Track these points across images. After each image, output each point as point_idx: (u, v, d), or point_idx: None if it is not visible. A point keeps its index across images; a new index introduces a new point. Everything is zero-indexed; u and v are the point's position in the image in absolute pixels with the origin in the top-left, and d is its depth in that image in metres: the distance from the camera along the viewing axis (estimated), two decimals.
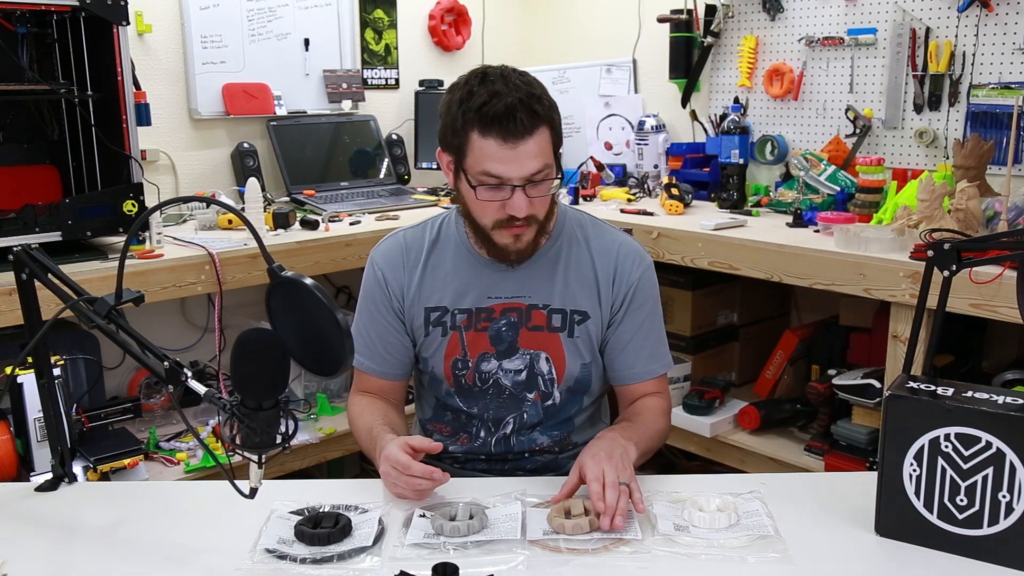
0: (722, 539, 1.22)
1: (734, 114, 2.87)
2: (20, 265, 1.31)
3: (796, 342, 2.68)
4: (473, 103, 1.41)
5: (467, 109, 1.42)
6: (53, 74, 2.23)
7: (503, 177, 1.42)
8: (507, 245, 1.51)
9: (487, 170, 1.42)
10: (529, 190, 1.44)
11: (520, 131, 1.39)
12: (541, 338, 1.57)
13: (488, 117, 1.39)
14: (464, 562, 1.14)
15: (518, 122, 1.39)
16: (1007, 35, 2.40)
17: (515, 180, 1.43)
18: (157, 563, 1.20)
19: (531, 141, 1.41)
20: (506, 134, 1.39)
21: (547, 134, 1.44)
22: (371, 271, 1.64)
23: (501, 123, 1.39)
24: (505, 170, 1.42)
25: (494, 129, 1.39)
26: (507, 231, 1.49)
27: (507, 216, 1.46)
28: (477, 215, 1.50)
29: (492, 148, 1.41)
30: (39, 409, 1.69)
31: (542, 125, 1.42)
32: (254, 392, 1.12)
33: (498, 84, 1.41)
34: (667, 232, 2.48)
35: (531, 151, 1.41)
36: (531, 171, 1.43)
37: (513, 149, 1.40)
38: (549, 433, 1.63)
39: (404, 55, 3.41)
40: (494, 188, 1.44)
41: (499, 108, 1.39)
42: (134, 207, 2.16)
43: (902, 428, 1.19)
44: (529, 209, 1.45)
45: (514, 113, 1.39)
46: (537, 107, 1.41)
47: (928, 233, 1.46)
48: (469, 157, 1.44)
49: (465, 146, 1.43)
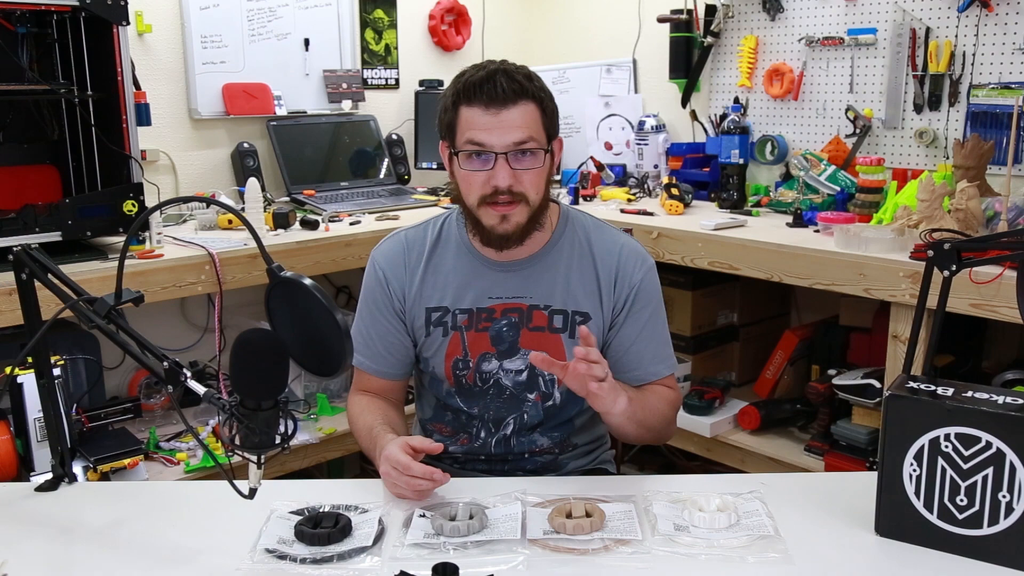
0: (722, 539, 1.22)
1: (734, 114, 2.87)
2: (20, 265, 1.31)
3: (796, 342, 2.68)
4: (462, 80, 1.48)
5: (456, 87, 1.48)
6: (53, 74, 2.22)
7: (485, 144, 1.45)
8: (493, 226, 1.50)
9: (471, 138, 1.46)
10: (513, 162, 1.46)
11: (501, 96, 1.43)
12: (542, 339, 1.57)
13: (471, 85, 1.45)
14: (464, 562, 1.14)
15: (497, 86, 1.43)
16: (1007, 35, 2.40)
17: (497, 147, 1.45)
18: (157, 563, 1.20)
19: (514, 110, 1.44)
20: (488, 100, 1.44)
21: (534, 110, 1.47)
22: (372, 271, 1.64)
23: (482, 88, 1.44)
24: (487, 137, 1.44)
25: (477, 97, 1.44)
26: (492, 209, 1.48)
27: (492, 189, 1.47)
28: (464, 193, 1.51)
29: (476, 116, 1.45)
30: (39, 409, 1.69)
31: (527, 98, 1.46)
32: (254, 392, 1.12)
33: (489, 65, 1.48)
34: (667, 232, 2.48)
35: (514, 119, 1.44)
36: (514, 139, 1.45)
37: (496, 116, 1.44)
38: (549, 434, 1.62)
39: (404, 55, 3.41)
40: (478, 159, 1.46)
41: (481, 75, 1.45)
42: (134, 207, 2.16)
43: (902, 428, 1.19)
44: (513, 181, 1.46)
45: (493, 78, 1.44)
46: (520, 78, 1.46)
47: (928, 233, 1.46)
48: (458, 132, 1.48)
49: (455, 122, 1.48)
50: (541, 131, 1.48)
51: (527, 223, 1.51)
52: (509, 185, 1.46)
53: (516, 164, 1.46)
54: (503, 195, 1.47)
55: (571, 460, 1.66)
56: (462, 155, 1.48)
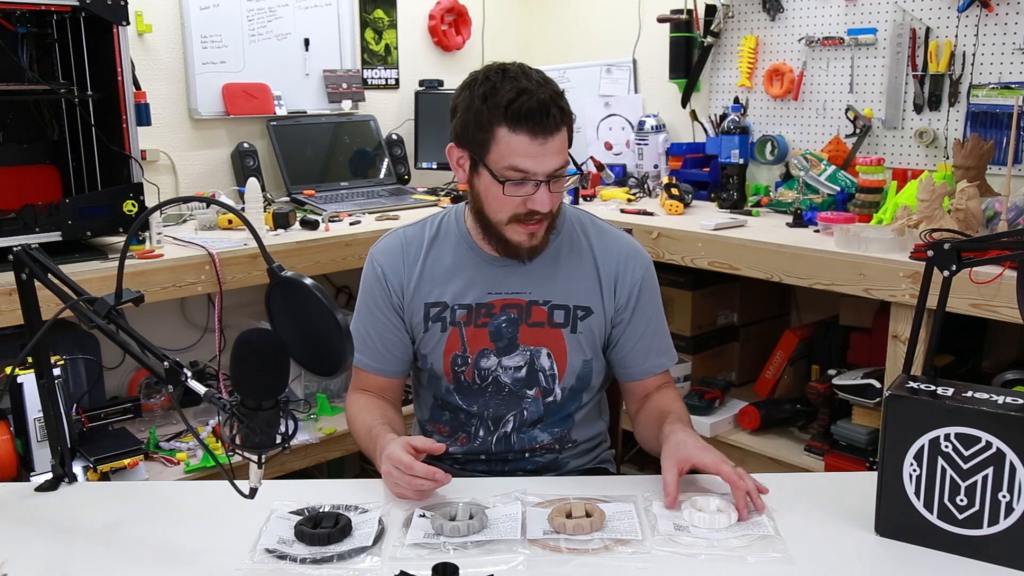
0: (722, 539, 1.22)
1: (734, 114, 2.87)
2: (20, 265, 1.31)
3: (796, 342, 2.68)
4: (501, 99, 1.42)
5: (494, 105, 1.42)
6: (53, 74, 2.23)
7: (529, 172, 1.44)
8: (521, 242, 1.52)
9: (515, 165, 1.44)
10: (551, 186, 1.47)
11: (551, 127, 1.43)
12: (542, 334, 1.57)
13: (521, 113, 1.41)
14: (464, 562, 1.14)
15: (551, 118, 1.42)
16: (1007, 35, 2.40)
17: (540, 176, 1.45)
18: (157, 563, 1.20)
19: (557, 138, 1.44)
20: (537, 131, 1.42)
21: (566, 132, 1.47)
22: (370, 267, 1.64)
23: (533, 119, 1.41)
24: (533, 165, 1.44)
25: (525, 125, 1.41)
26: (523, 227, 1.50)
27: (527, 211, 1.48)
28: (493, 210, 1.50)
29: (522, 144, 1.42)
30: (39, 409, 1.69)
31: (566, 124, 1.46)
32: (254, 392, 1.12)
33: (523, 81, 1.44)
34: (667, 232, 2.48)
35: (556, 147, 1.45)
36: (555, 167, 1.45)
37: (542, 145, 1.43)
38: (550, 430, 1.63)
39: (404, 55, 3.41)
40: (519, 184, 1.46)
41: (532, 104, 1.41)
42: (134, 207, 2.16)
43: (902, 428, 1.19)
44: (550, 204, 1.48)
45: (547, 110, 1.42)
46: (563, 104, 1.46)
47: (928, 233, 1.46)
48: (494, 152, 1.45)
49: (490, 141, 1.45)
50: (567, 151, 1.50)
51: (547, 233, 1.55)
52: (549, 209, 1.48)
53: (553, 188, 1.47)
54: (537, 218, 1.49)
55: (571, 459, 1.66)
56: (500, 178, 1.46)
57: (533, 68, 1.49)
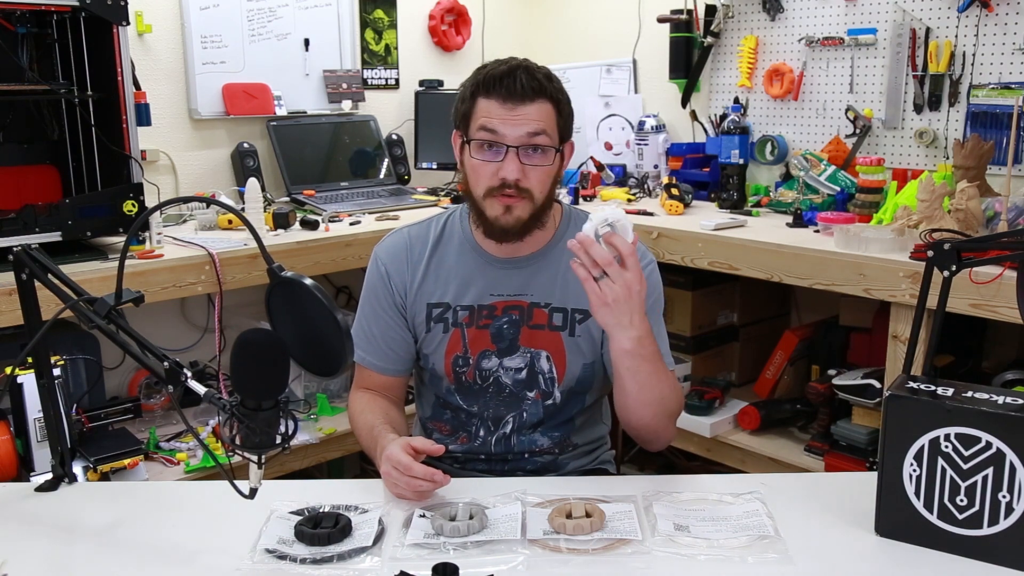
0: (722, 539, 1.22)
1: (734, 114, 2.87)
2: (20, 265, 1.31)
3: (796, 342, 2.68)
4: (482, 72, 1.50)
5: (476, 79, 1.50)
6: (53, 74, 2.22)
7: (498, 133, 1.46)
8: (497, 217, 1.51)
9: (484, 124, 1.47)
10: (524, 156, 1.47)
11: (519, 92, 1.46)
12: (542, 336, 1.57)
13: (491, 78, 1.48)
14: (464, 562, 1.14)
15: (517, 81, 1.46)
16: (1007, 35, 2.40)
17: (509, 139, 1.46)
18: (157, 563, 1.20)
19: (532, 106, 1.47)
20: (506, 95, 1.46)
21: (550, 109, 1.49)
22: (375, 266, 1.64)
23: (501, 82, 1.46)
24: (501, 126, 1.46)
25: (496, 90, 1.47)
26: (498, 200, 1.49)
27: (499, 182, 1.48)
28: (472, 183, 1.53)
29: (493, 107, 1.47)
30: (39, 409, 1.69)
31: (544, 97, 1.48)
32: (254, 392, 1.12)
33: (511, 60, 1.50)
34: (667, 232, 2.48)
35: (530, 114, 1.47)
36: (527, 131, 1.46)
37: (512, 110, 1.46)
38: (550, 434, 1.62)
39: (404, 55, 3.41)
40: (489, 150, 1.48)
41: (502, 69, 1.48)
42: (134, 207, 2.16)
43: (902, 428, 1.19)
44: (521, 175, 1.47)
45: (514, 73, 1.47)
46: (539, 76, 1.49)
47: (928, 233, 1.46)
48: (472, 121, 1.50)
49: (471, 112, 1.50)
50: (555, 129, 1.50)
51: (529, 219, 1.52)
52: (517, 179, 1.47)
53: (526, 159, 1.48)
54: (509, 188, 1.48)
55: (571, 460, 1.66)
56: (474, 144, 1.50)
57: (539, 64, 1.52)
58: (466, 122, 1.51)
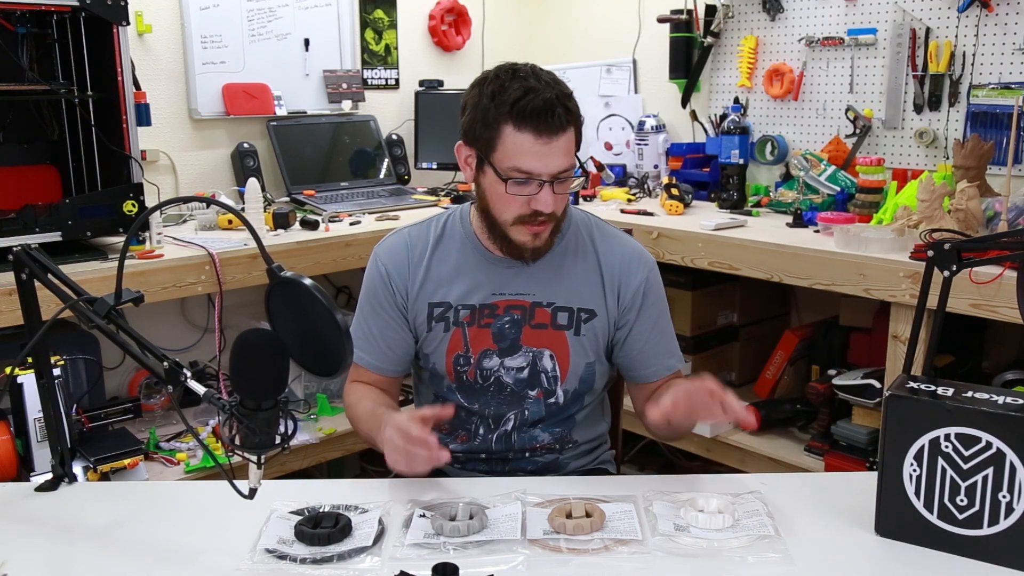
0: (722, 539, 1.22)
1: (734, 114, 2.87)
2: (20, 265, 1.31)
3: (796, 342, 2.68)
4: (508, 97, 1.42)
5: (501, 103, 1.42)
6: (53, 74, 2.22)
7: (533, 172, 1.44)
8: (525, 243, 1.51)
9: (518, 165, 1.44)
10: (555, 187, 1.46)
11: (556, 127, 1.42)
12: (545, 336, 1.57)
13: (526, 112, 1.41)
14: (464, 562, 1.14)
15: (556, 117, 1.41)
16: (1007, 35, 2.40)
17: (545, 176, 1.45)
18: (157, 563, 1.20)
19: (562, 138, 1.44)
20: (542, 129, 1.41)
21: (573, 134, 1.47)
22: (375, 267, 1.64)
23: (539, 118, 1.41)
24: (537, 165, 1.43)
25: (530, 124, 1.41)
26: (527, 228, 1.50)
27: (531, 212, 1.47)
28: (498, 210, 1.50)
29: (526, 143, 1.42)
30: (39, 409, 1.69)
31: (572, 124, 1.46)
32: (253, 392, 1.12)
33: (531, 80, 1.43)
34: (667, 232, 2.49)
35: (562, 148, 1.44)
36: (560, 168, 1.45)
37: (547, 145, 1.42)
38: (551, 430, 1.62)
39: (404, 55, 3.41)
40: (522, 183, 1.45)
41: (537, 103, 1.41)
42: (134, 207, 2.16)
43: (902, 428, 1.19)
44: (555, 207, 1.47)
45: (552, 109, 1.41)
46: (570, 105, 1.45)
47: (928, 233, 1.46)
48: (499, 151, 1.45)
49: (496, 139, 1.44)
50: (573, 153, 1.49)
51: (551, 235, 1.54)
52: (552, 211, 1.47)
53: (557, 189, 1.47)
54: (541, 218, 1.48)
55: (572, 460, 1.66)
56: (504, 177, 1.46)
57: (544, 69, 1.49)
58: (489, 148, 1.45)
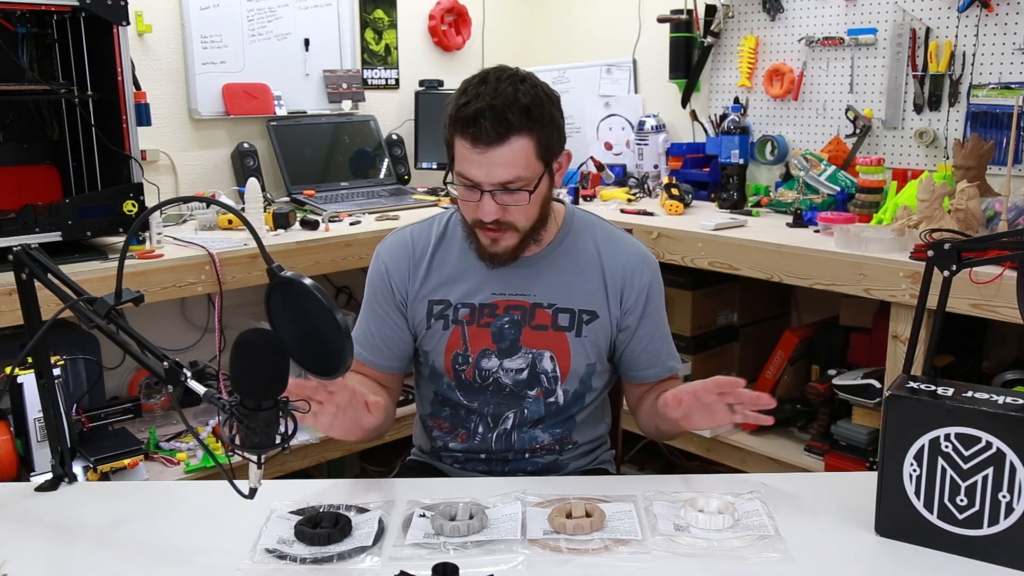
0: (722, 539, 1.22)
1: (734, 114, 2.87)
2: (20, 265, 1.31)
3: (796, 342, 2.68)
4: (458, 103, 1.44)
5: (452, 106, 1.45)
6: (53, 74, 2.22)
7: (473, 180, 1.45)
8: (486, 246, 1.53)
9: (460, 171, 1.46)
10: (501, 197, 1.45)
11: (486, 138, 1.40)
12: (545, 337, 1.57)
13: (459, 120, 1.42)
14: (464, 562, 1.14)
15: (481, 129, 1.40)
16: (1007, 35, 2.40)
17: (485, 185, 1.44)
18: (157, 563, 1.20)
19: (502, 149, 1.41)
20: (474, 139, 1.41)
21: (525, 144, 1.42)
22: (376, 265, 1.65)
23: (468, 127, 1.41)
24: (476, 173, 1.44)
25: (466, 133, 1.42)
26: (483, 233, 1.51)
27: (478, 220, 1.49)
28: (462, 212, 1.54)
29: (465, 150, 1.44)
30: (39, 409, 1.69)
31: (516, 135, 1.41)
32: (253, 392, 1.12)
33: (484, 88, 1.42)
34: (667, 232, 2.49)
35: (502, 159, 1.42)
36: (500, 179, 1.43)
37: (482, 155, 1.42)
38: (551, 431, 1.62)
39: (404, 55, 3.41)
40: (468, 188, 1.47)
41: (468, 113, 1.41)
42: (134, 207, 2.16)
43: (902, 428, 1.19)
44: (500, 215, 1.47)
45: (477, 120, 1.40)
46: (511, 116, 1.39)
47: (928, 233, 1.46)
48: (455, 156, 1.48)
49: (452, 144, 1.48)
50: (533, 163, 1.44)
51: (518, 244, 1.53)
52: (495, 219, 1.47)
53: (503, 199, 1.46)
54: (489, 225, 1.48)
55: (572, 460, 1.66)
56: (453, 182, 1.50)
57: (521, 74, 1.45)
58: (450, 151, 1.49)
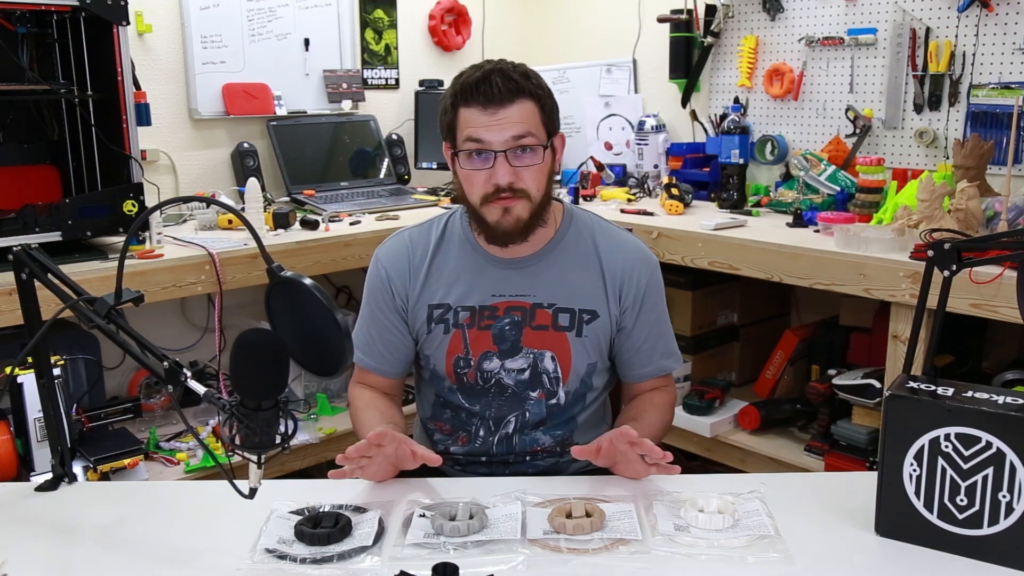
0: (722, 539, 1.21)
1: (734, 114, 2.87)
2: (20, 265, 1.31)
3: (796, 342, 2.68)
4: (459, 81, 1.50)
5: (454, 88, 1.50)
6: (53, 74, 2.23)
7: (484, 141, 1.47)
8: (497, 221, 1.51)
9: (469, 135, 1.48)
10: (513, 159, 1.47)
11: (498, 96, 1.45)
12: (546, 337, 1.57)
13: (468, 86, 1.48)
14: (464, 562, 1.13)
15: (493, 86, 1.46)
16: (1007, 35, 2.40)
17: (496, 145, 1.46)
18: (157, 563, 1.20)
19: (512, 108, 1.46)
20: (485, 100, 1.46)
21: (532, 107, 1.49)
22: (375, 269, 1.65)
23: (479, 88, 1.46)
24: (486, 134, 1.46)
25: (475, 98, 1.47)
26: (495, 204, 1.50)
27: (493, 188, 1.48)
28: (469, 192, 1.53)
29: (474, 115, 1.47)
30: (39, 409, 1.69)
31: (523, 96, 1.48)
32: (253, 392, 1.12)
33: (483, 64, 1.50)
34: (667, 232, 2.48)
35: (512, 116, 1.46)
36: (512, 135, 1.46)
37: (493, 115, 1.46)
38: (552, 433, 1.62)
39: (404, 55, 3.41)
40: (478, 157, 1.48)
41: (477, 76, 1.48)
42: (134, 207, 2.16)
43: (902, 428, 1.19)
44: (513, 178, 1.48)
45: (489, 78, 1.46)
46: (516, 76, 1.48)
47: (928, 233, 1.46)
48: (458, 131, 1.50)
49: (455, 122, 1.50)
50: (540, 127, 1.50)
51: (529, 218, 1.52)
52: (510, 182, 1.48)
53: (515, 161, 1.48)
54: (504, 192, 1.48)
55: (572, 463, 1.65)
56: (462, 154, 1.50)
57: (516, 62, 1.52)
58: (452, 133, 1.51)
